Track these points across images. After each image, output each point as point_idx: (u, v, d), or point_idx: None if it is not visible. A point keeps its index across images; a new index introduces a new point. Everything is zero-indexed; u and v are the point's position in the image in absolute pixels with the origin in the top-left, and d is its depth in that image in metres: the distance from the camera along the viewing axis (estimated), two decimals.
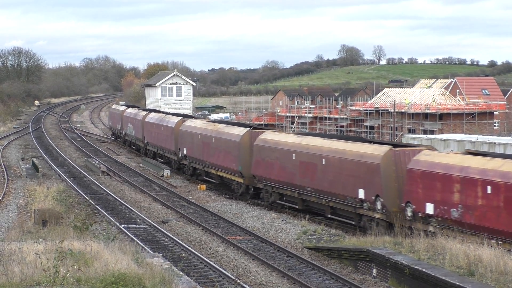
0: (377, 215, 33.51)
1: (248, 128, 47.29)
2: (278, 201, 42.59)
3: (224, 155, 48.12)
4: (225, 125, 51.90)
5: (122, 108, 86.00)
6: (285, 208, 42.14)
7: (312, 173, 38.48)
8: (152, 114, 69.68)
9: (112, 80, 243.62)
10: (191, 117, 65.20)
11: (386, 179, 33.08)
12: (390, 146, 34.03)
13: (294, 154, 40.15)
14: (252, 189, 45.76)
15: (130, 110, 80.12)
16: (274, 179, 42.14)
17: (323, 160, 37.50)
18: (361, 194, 34.50)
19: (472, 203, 28.54)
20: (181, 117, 60.72)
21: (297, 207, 40.67)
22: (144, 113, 72.34)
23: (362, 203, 34.54)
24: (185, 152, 55.75)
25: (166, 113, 69.63)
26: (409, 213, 31.55)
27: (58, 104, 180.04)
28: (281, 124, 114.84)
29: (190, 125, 56.28)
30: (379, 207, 33.26)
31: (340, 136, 46.83)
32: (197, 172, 55.12)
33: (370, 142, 37.59)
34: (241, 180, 46.24)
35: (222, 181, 50.27)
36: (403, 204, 31.99)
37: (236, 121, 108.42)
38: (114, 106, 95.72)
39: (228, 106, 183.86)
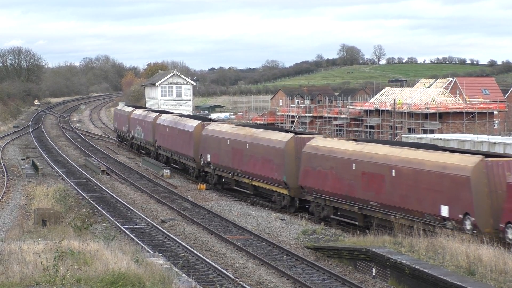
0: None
1: (293, 134, 42.20)
2: (332, 216, 37.81)
3: (262, 163, 43.29)
4: (260, 129, 46.71)
5: (129, 109, 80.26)
6: (340, 224, 37.31)
7: (378, 185, 34.08)
8: (165, 116, 64.31)
9: (112, 79, 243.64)
10: (209, 120, 59.75)
11: (478, 194, 29.01)
12: (481, 157, 30.16)
13: (354, 164, 35.36)
14: (298, 201, 41.30)
15: (139, 111, 75.23)
16: (328, 191, 37.14)
17: (393, 171, 33.50)
18: (444, 211, 30.77)
19: None
20: (200, 121, 55.45)
21: (356, 223, 36.02)
22: (154, 114, 67.47)
23: (445, 222, 30.63)
24: (208, 159, 50.33)
25: (181, 115, 65.12)
26: (511, 236, 27.66)
27: (58, 103, 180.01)
28: (281, 123, 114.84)
29: (215, 129, 51.10)
30: (468, 227, 29.43)
31: (409, 144, 40.27)
32: (222, 180, 50.16)
33: (445, 150, 33.98)
34: (285, 192, 41.32)
35: (257, 191, 45.60)
36: (502, 225, 27.87)
37: (256, 123, 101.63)
38: (119, 107, 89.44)
39: (228, 106, 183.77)
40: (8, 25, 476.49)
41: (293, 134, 42.23)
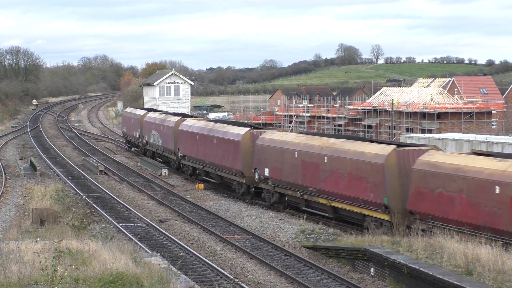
0: None
1: (394, 146, 33.96)
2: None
3: (349, 181, 35.24)
4: (342, 140, 37.85)
5: (141, 112, 72.81)
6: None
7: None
8: (190, 121, 56.47)
9: (110, 79, 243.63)
10: (250, 126, 49.77)
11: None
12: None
13: (498, 187, 27.66)
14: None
15: (153, 115, 67.89)
16: (456, 220, 29.36)
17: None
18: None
19: None
20: (248, 128, 46.49)
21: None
22: (175, 119, 59.98)
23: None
24: (266, 174, 42.41)
25: (213, 120, 58.98)
26: None
27: (56, 103, 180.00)
28: (279, 123, 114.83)
29: (274, 138, 42.38)
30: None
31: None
32: (285, 199, 41.80)
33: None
34: (384, 217, 32.98)
35: (338, 213, 37.34)
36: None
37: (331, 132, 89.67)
38: (129, 110, 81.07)
39: (226, 105, 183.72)
40: (7, 25, 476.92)
41: (395, 146, 34.05)
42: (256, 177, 43.69)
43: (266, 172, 42.45)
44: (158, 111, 74.70)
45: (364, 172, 33.99)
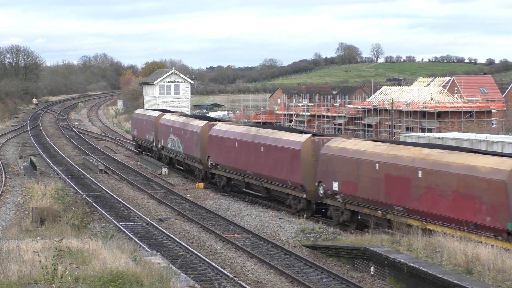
0: None
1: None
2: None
3: (453, 201, 29.37)
4: (440, 150, 31.58)
5: (155, 113, 66.59)
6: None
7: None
8: (223, 125, 49.62)
9: (110, 78, 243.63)
10: (304, 132, 44.68)
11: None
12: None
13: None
14: None
15: (171, 117, 61.31)
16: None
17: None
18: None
19: None
20: (309, 135, 39.93)
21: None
22: (202, 122, 52.46)
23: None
24: (335, 188, 36.12)
25: (254, 125, 51.48)
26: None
27: (56, 102, 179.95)
28: (279, 122, 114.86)
29: (346, 147, 36.23)
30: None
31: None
32: (358, 218, 35.43)
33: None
34: (508, 246, 26.55)
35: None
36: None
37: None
38: (140, 111, 75.15)
39: (226, 104, 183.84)
40: (7, 24, 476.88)
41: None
42: (321, 191, 37.31)
43: (335, 186, 36.20)
44: (174, 112, 67.54)
45: (477, 190, 28.28)
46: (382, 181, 32.98)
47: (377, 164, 33.30)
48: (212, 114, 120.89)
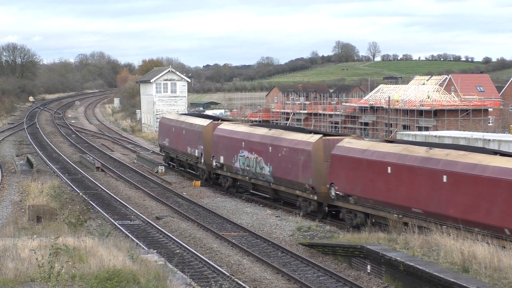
0: None
1: None
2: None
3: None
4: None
5: (202, 121, 52.55)
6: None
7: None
8: (364, 143, 35.88)
9: (106, 76, 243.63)
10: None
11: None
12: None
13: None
14: None
15: (237, 127, 47.72)
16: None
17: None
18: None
19: None
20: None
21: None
22: (307, 137, 39.14)
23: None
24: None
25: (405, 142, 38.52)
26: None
27: (52, 100, 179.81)
28: (276, 120, 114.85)
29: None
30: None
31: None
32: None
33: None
34: None
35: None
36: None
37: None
38: (173, 117, 61.22)
39: (223, 103, 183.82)
40: (5, 22, 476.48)
41: None
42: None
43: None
44: (231, 120, 57.41)
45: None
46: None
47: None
48: (209, 112, 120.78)
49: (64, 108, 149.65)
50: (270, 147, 41.51)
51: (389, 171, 32.57)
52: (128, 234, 33.88)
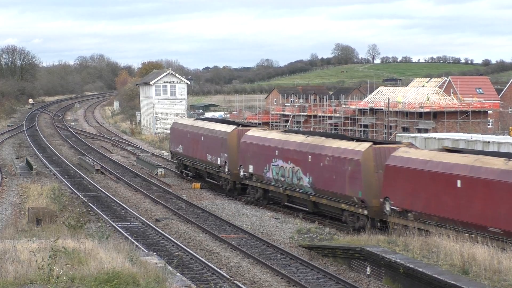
0: None
1: None
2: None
3: None
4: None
5: (222, 127, 49.29)
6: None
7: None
8: (417, 152, 33.13)
9: (106, 78, 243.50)
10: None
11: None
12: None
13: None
14: None
15: (268, 134, 44.09)
16: None
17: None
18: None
19: None
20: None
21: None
22: (361, 145, 35.55)
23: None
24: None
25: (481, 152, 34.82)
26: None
27: (52, 102, 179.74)
28: (275, 122, 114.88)
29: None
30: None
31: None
32: None
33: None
34: None
35: None
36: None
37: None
38: (187, 122, 57.71)
39: (222, 105, 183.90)
40: (5, 24, 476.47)
41: None
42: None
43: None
44: (258, 127, 51.95)
45: None
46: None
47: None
48: (208, 115, 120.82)
49: (64, 110, 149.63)
50: (309, 156, 38.02)
51: (458, 185, 29.15)
52: (127, 236, 33.89)
